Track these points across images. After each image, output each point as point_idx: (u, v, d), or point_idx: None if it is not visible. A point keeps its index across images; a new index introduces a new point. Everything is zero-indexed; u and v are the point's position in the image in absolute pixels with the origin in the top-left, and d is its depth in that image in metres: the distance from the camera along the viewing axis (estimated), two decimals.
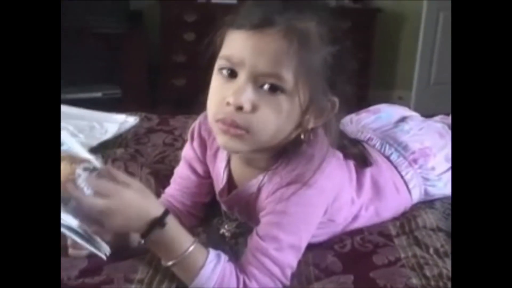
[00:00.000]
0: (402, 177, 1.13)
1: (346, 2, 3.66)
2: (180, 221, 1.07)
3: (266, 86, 0.85)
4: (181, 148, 1.42)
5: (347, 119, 1.34)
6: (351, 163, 1.03)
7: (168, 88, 3.58)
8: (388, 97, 3.50)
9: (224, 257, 0.89)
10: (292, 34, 0.84)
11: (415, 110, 1.42)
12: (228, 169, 1.03)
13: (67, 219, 0.80)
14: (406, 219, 1.08)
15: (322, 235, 1.01)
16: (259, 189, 0.95)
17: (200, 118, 1.06)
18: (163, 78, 3.60)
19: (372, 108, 1.36)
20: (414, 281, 0.87)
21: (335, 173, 0.94)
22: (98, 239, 0.83)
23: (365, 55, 3.60)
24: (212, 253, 0.88)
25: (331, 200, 0.94)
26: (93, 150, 1.39)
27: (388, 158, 1.15)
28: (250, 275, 0.87)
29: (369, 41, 3.62)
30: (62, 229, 0.78)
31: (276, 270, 0.88)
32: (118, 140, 1.48)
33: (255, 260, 0.88)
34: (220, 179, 1.05)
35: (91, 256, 0.88)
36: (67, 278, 0.87)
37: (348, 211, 1.02)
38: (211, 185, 1.09)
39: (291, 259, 0.89)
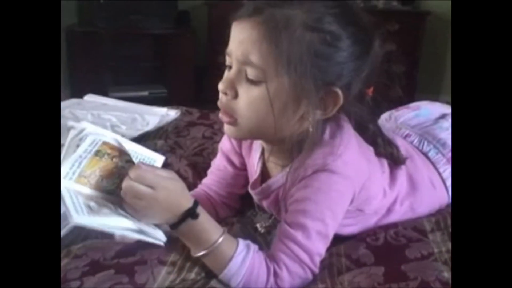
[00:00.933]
0: (439, 174, 1.11)
1: (394, 4, 3.62)
2: (215, 211, 1.09)
3: (245, 74, 0.87)
4: (219, 141, 1.45)
5: (386, 115, 1.33)
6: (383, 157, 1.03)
7: (214, 88, 3.58)
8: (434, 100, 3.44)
9: (253, 248, 0.90)
10: (269, 22, 0.84)
11: None
12: (262, 161, 1.05)
13: (121, 222, 0.82)
14: (442, 216, 1.06)
15: (353, 226, 1.01)
16: (285, 182, 0.96)
17: None
18: (209, 79, 3.64)
19: (412, 104, 1.34)
20: (446, 274, 0.85)
21: (359, 160, 0.94)
22: (153, 229, 0.86)
23: (412, 59, 3.57)
24: (242, 244, 0.89)
25: (358, 188, 0.93)
26: (134, 141, 1.43)
27: (426, 154, 1.14)
28: (280, 261, 0.88)
29: (417, 44, 3.58)
30: (119, 232, 0.81)
31: (305, 256, 0.88)
32: (159, 132, 1.51)
33: (284, 247, 0.88)
34: (253, 171, 1.06)
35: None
36: (102, 259, 0.89)
37: (380, 203, 1.01)
38: (247, 177, 1.11)
39: (319, 246, 0.90)
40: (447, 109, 1.32)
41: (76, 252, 0.90)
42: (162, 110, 1.62)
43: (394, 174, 1.03)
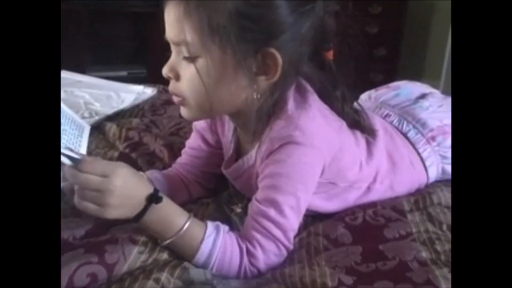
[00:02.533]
0: (419, 154, 1.10)
1: None
2: (188, 191, 1.07)
3: (182, 54, 0.87)
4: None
5: (365, 95, 1.32)
6: (357, 131, 1.01)
7: None
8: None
9: (223, 228, 0.88)
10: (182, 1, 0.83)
11: None
12: (236, 139, 1.02)
13: None
14: (421, 196, 1.05)
15: (330, 203, 0.99)
16: (255, 160, 0.94)
17: None
18: None
19: (391, 84, 1.33)
20: (424, 254, 0.85)
21: (326, 131, 0.92)
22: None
23: (394, 42, 3.56)
24: (211, 226, 0.87)
25: (328, 159, 0.91)
26: (109, 119, 1.40)
27: (405, 135, 1.13)
28: (254, 240, 0.86)
29: (399, 28, 3.56)
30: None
31: (278, 233, 0.86)
32: (134, 110, 1.48)
33: (257, 224, 0.86)
34: (227, 149, 1.04)
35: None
36: (72, 238, 0.86)
37: (356, 175, 0.99)
38: (221, 156, 1.08)
39: (292, 222, 0.88)
40: (427, 88, 1.31)
41: None
42: (138, 88, 1.59)
43: (371, 150, 1.02)
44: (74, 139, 1.21)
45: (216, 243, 0.85)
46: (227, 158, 1.04)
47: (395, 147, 1.06)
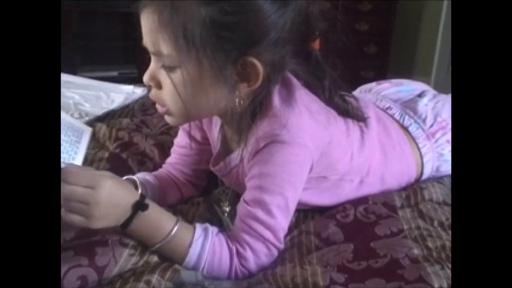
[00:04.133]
0: (419, 149, 1.10)
1: None
2: (180, 191, 1.07)
3: (163, 63, 0.85)
4: None
5: (366, 88, 1.32)
6: (350, 121, 0.99)
7: None
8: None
9: (212, 231, 0.87)
10: (160, 6, 0.81)
11: None
12: (222, 135, 1.01)
13: None
14: (413, 191, 1.05)
15: (321, 195, 0.99)
16: (241, 159, 0.93)
17: None
18: None
19: (394, 80, 1.34)
20: (416, 251, 0.84)
21: (312, 126, 0.90)
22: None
23: (384, 40, 3.56)
24: (199, 228, 0.86)
25: (316, 155, 0.91)
26: (99, 119, 1.39)
27: (406, 129, 1.13)
28: (243, 242, 0.86)
29: (389, 25, 3.56)
30: None
31: (268, 234, 0.86)
32: (124, 110, 1.47)
33: (246, 226, 0.86)
34: (215, 146, 1.03)
35: None
36: (62, 241, 0.85)
37: (347, 166, 0.99)
38: (211, 152, 1.07)
39: (281, 221, 0.87)
40: (426, 87, 1.32)
41: None
42: (129, 88, 1.58)
43: (364, 138, 1.01)
44: (69, 147, 1.19)
45: (204, 246, 0.84)
46: (215, 155, 1.03)
47: (388, 136, 1.06)
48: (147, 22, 0.83)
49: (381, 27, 3.53)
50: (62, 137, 1.19)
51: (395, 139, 1.07)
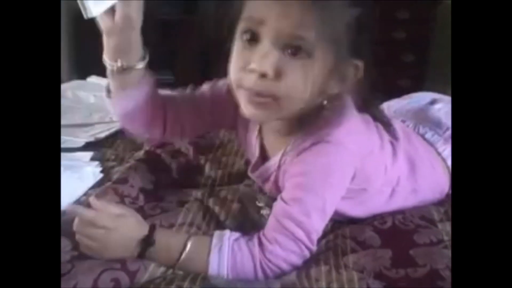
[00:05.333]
0: (439, 154, 1.07)
1: None
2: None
3: (289, 50, 0.81)
4: None
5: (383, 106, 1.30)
6: (384, 133, 0.98)
7: (221, 75, 3.57)
8: (445, 91, 3.38)
9: (228, 236, 0.86)
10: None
11: None
12: (260, 140, 1.00)
13: None
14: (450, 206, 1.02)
15: (359, 208, 0.97)
16: (285, 159, 0.92)
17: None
18: (216, 65, 3.59)
19: (404, 96, 1.32)
20: None
21: (360, 133, 0.90)
22: None
23: (422, 48, 3.51)
24: (216, 237, 0.86)
25: (360, 163, 0.89)
26: None
27: (423, 136, 1.10)
28: (273, 239, 0.84)
29: (427, 33, 3.51)
30: None
31: (301, 234, 0.84)
32: None
33: (279, 225, 0.84)
34: (252, 152, 1.02)
35: None
36: None
37: (383, 180, 0.97)
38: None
39: (316, 223, 0.86)
40: (437, 95, 1.29)
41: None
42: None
43: (395, 151, 0.99)
44: None
45: (222, 253, 0.84)
46: (253, 161, 1.02)
47: (415, 150, 1.04)
48: (294, 4, 0.80)
49: (419, 35, 3.49)
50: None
51: (421, 152, 1.05)
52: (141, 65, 0.91)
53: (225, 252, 0.84)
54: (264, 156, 1.00)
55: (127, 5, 0.85)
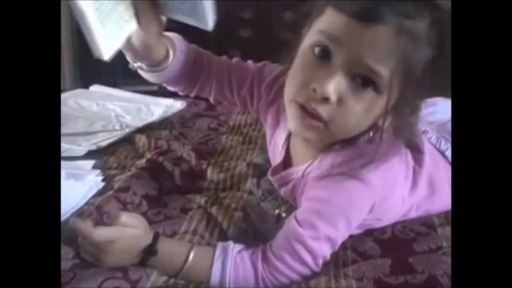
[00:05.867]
0: None
1: None
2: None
3: (360, 80, 0.77)
4: (225, 133, 1.43)
5: None
6: (410, 158, 0.95)
7: None
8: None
9: (232, 248, 0.86)
10: (402, 34, 0.75)
11: None
12: (287, 144, 0.97)
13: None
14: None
15: (366, 229, 0.96)
16: (308, 173, 0.91)
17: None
18: None
19: (428, 100, 1.29)
20: None
21: (390, 173, 0.88)
22: None
23: None
24: (219, 249, 0.86)
25: (379, 199, 0.87)
26: (139, 131, 1.41)
27: (443, 153, 1.07)
28: (281, 258, 0.84)
29: None
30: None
31: (308, 258, 0.84)
32: (164, 123, 1.50)
33: (288, 246, 0.84)
34: (277, 153, 0.99)
35: None
36: None
37: (398, 211, 0.96)
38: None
39: (325, 250, 0.86)
40: None
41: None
42: (168, 101, 1.61)
43: (416, 179, 0.96)
44: None
45: (225, 265, 0.84)
46: (275, 164, 1.00)
47: (437, 171, 1.00)
48: (380, 36, 0.75)
49: None
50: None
51: (443, 172, 1.01)
52: (166, 63, 0.92)
53: (228, 264, 0.84)
54: (287, 162, 0.98)
55: (146, 32, 0.84)
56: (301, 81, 0.80)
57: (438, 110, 1.21)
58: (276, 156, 1.00)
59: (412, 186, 0.95)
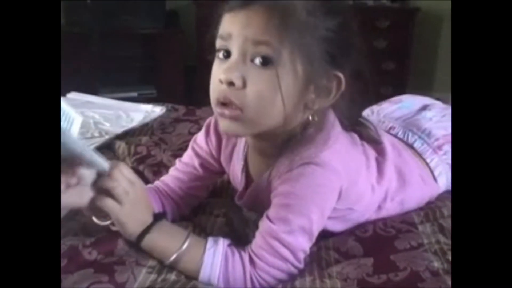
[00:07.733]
0: (427, 164, 1.09)
1: (384, 2, 3.62)
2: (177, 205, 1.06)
3: (257, 60, 0.81)
4: None
5: (367, 111, 1.30)
6: (370, 150, 0.99)
7: (204, 88, 3.57)
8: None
9: (223, 241, 0.88)
10: (273, 9, 0.80)
11: None
12: (246, 170, 1.00)
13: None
14: (431, 209, 1.04)
15: (344, 223, 0.97)
16: (270, 179, 0.92)
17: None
18: (199, 79, 3.59)
19: (393, 98, 1.32)
20: (436, 264, 0.83)
21: (346, 153, 0.90)
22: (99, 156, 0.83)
23: (402, 56, 3.57)
24: (210, 240, 0.87)
25: (346, 183, 0.89)
26: (118, 138, 1.41)
27: (411, 146, 1.11)
28: (262, 256, 0.85)
29: (407, 41, 3.57)
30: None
31: (287, 253, 0.85)
32: (143, 129, 1.49)
33: (266, 244, 0.85)
34: (238, 181, 1.02)
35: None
36: (82, 246, 0.88)
37: (370, 199, 0.97)
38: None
39: (302, 243, 0.86)
40: (428, 100, 1.30)
41: None
42: (148, 107, 1.60)
43: (381, 169, 0.99)
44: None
45: (216, 255, 0.85)
46: (239, 191, 1.02)
47: (405, 164, 1.04)
48: (252, 16, 0.81)
49: (399, 44, 3.54)
50: None
51: (411, 164, 1.05)
52: None
53: (219, 254, 0.85)
54: (249, 184, 1.00)
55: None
56: (213, 81, 0.86)
57: (404, 106, 1.25)
58: (238, 184, 1.03)
59: (379, 174, 0.98)
